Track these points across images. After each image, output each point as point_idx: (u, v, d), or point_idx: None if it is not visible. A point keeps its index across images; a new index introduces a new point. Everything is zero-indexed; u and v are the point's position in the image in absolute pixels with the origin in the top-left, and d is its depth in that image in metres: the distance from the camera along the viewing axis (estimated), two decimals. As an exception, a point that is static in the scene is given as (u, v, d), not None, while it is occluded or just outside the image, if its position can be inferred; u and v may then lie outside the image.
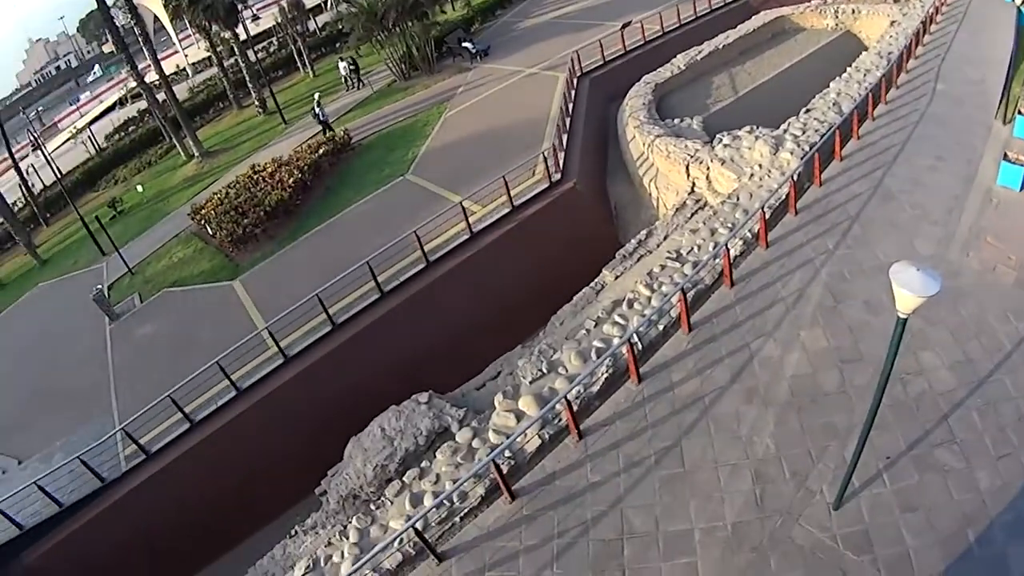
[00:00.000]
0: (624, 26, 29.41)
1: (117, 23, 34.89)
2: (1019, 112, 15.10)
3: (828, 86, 18.93)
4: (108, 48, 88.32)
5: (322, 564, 10.13)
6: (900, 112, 16.32)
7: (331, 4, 46.58)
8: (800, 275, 11.58)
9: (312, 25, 46.28)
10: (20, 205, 38.16)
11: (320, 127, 27.98)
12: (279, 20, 41.58)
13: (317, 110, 27.96)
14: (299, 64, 41.27)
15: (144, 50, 32.47)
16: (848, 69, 19.73)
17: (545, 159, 18.21)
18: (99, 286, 21.77)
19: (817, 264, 11.75)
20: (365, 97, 32.21)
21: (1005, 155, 13.27)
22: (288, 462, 14.29)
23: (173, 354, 17.38)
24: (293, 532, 11.80)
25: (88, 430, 16.15)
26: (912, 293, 5.41)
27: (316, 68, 39.85)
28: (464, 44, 33.02)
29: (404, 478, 10.74)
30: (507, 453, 9.93)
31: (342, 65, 34.58)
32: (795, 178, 13.31)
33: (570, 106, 22.27)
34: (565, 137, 20.02)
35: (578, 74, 24.98)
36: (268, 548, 11.94)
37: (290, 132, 30.80)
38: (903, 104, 16.68)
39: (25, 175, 37.62)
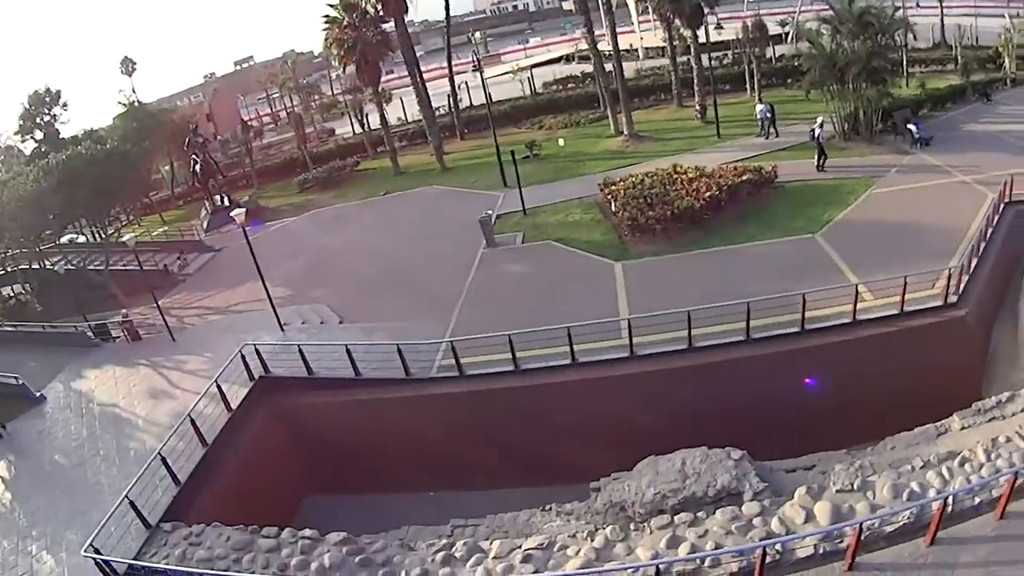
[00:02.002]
0: None
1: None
2: None
3: None
4: (567, 6, 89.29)
5: (555, 549, 10.32)
6: None
7: (792, 38, 44.95)
8: None
9: (770, 52, 43.94)
10: (442, 112, 43.04)
11: (816, 148, 26.52)
12: (739, 36, 40.26)
13: (818, 131, 26.82)
14: (748, 86, 39.70)
15: (604, 19, 34.28)
16: None
17: (949, 277, 16.21)
18: (490, 211, 23.57)
19: None
20: (782, 146, 29.84)
21: None
22: (586, 443, 15.02)
23: (529, 300, 18.52)
24: (547, 507, 12.28)
25: (419, 327, 18.17)
26: None
27: (762, 96, 36.66)
28: (909, 126, 29.73)
29: (675, 518, 10.41)
30: (778, 547, 9.25)
31: (760, 108, 31.72)
32: None
33: (988, 231, 19.05)
34: (974, 262, 17.40)
35: (1005, 200, 20.98)
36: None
37: (721, 147, 30.40)
38: None
39: (457, 89, 42.10)
